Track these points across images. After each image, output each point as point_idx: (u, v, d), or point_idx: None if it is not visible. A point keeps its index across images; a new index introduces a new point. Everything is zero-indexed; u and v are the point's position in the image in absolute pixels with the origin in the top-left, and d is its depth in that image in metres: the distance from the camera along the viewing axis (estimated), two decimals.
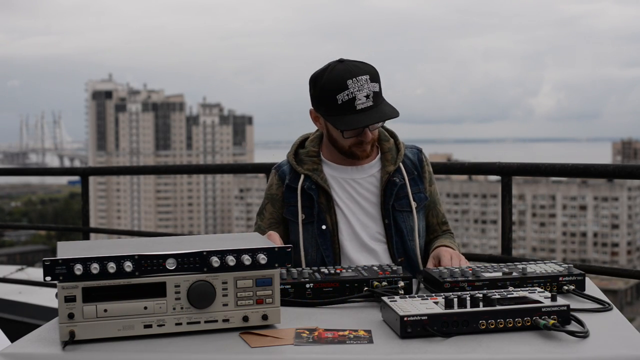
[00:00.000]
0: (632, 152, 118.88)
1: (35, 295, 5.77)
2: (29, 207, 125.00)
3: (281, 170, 2.45)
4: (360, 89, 2.21)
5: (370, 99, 2.22)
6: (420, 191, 2.42)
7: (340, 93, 2.21)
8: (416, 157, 2.47)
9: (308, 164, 2.40)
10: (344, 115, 2.22)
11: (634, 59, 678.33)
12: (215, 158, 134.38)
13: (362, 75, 2.22)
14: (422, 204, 2.41)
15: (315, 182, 2.36)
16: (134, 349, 1.56)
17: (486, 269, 2.00)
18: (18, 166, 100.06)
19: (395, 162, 2.40)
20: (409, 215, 2.37)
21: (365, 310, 1.85)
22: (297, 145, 2.48)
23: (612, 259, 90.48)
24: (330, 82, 2.23)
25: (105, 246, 1.73)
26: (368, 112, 2.22)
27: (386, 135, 2.46)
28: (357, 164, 2.40)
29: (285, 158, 2.48)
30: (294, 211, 2.38)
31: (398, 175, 2.39)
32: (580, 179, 19.23)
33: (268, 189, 2.48)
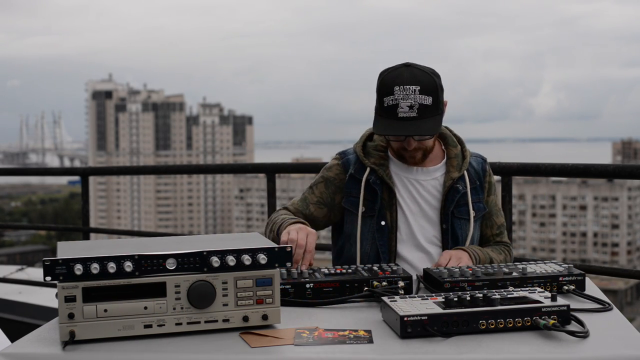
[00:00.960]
0: (632, 152, 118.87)
1: (35, 295, 5.77)
2: (29, 207, 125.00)
3: (346, 159, 2.44)
4: (405, 98, 2.20)
5: (414, 110, 2.20)
6: (479, 201, 2.41)
7: (387, 97, 2.23)
8: (480, 166, 2.46)
9: (375, 158, 2.39)
10: (385, 118, 2.24)
11: (634, 59, 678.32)
12: (215, 158, 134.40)
13: (413, 85, 2.20)
14: (480, 213, 2.40)
15: (380, 177, 2.36)
16: (134, 349, 1.56)
17: (486, 269, 2.00)
18: (18, 166, 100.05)
19: (460, 169, 2.39)
20: (466, 224, 2.36)
21: (365, 310, 1.85)
22: (366, 137, 2.47)
23: (612, 259, 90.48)
24: (382, 84, 2.26)
25: (105, 246, 1.73)
26: (407, 123, 2.20)
27: (454, 141, 2.45)
28: (422, 165, 2.39)
29: (351, 147, 2.47)
30: (354, 202, 2.37)
31: (461, 182, 2.38)
32: (580, 179, 19.24)
33: (327, 170, 2.45)
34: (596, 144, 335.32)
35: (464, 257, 2.24)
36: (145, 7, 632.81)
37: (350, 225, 2.39)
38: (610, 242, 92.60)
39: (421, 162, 2.36)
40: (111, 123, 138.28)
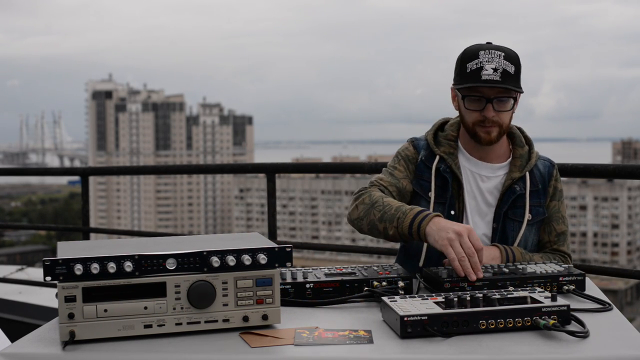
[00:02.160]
0: (632, 152, 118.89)
1: (35, 295, 5.77)
2: (29, 207, 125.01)
3: (417, 143, 2.43)
4: (489, 61, 2.22)
5: (497, 73, 2.20)
6: (540, 205, 2.36)
7: (470, 62, 2.24)
8: (547, 170, 2.41)
9: (445, 147, 2.38)
10: (469, 82, 2.24)
11: (634, 59, 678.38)
12: (215, 158, 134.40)
13: (498, 51, 2.24)
14: (537, 218, 2.35)
15: (449, 166, 2.35)
16: (134, 349, 1.56)
17: (486, 269, 2.00)
18: (18, 166, 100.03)
19: (522, 170, 2.35)
20: (519, 226, 2.33)
21: (365, 310, 1.85)
22: (437, 127, 2.46)
23: (612, 259, 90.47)
24: (466, 52, 2.29)
25: (105, 246, 1.73)
26: (491, 84, 2.21)
27: (522, 141, 2.42)
28: (489, 160, 2.37)
29: (422, 135, 2.46)
30: (424, 186, 2.35)
31: (521, 183, 2.34)
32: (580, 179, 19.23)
33: (403, 151, 2.43)
34: (596, 144, 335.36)
35: (492, 252, 2.21)
36: (146, 7, 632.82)
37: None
38: (610, 242, 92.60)
39: (496, 140, 2.30)
40: (111, 123, 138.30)
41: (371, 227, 2.22)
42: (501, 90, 2.23)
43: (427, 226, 2.05)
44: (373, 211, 2.21)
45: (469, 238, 1.96)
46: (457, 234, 1.96)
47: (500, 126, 2.28)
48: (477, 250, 1.95)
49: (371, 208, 2.22)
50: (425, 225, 2.05)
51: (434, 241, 2.01)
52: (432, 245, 2.03)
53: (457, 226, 1.99)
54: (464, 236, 1.96)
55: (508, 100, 2.25)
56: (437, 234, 2.00)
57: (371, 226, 2.22)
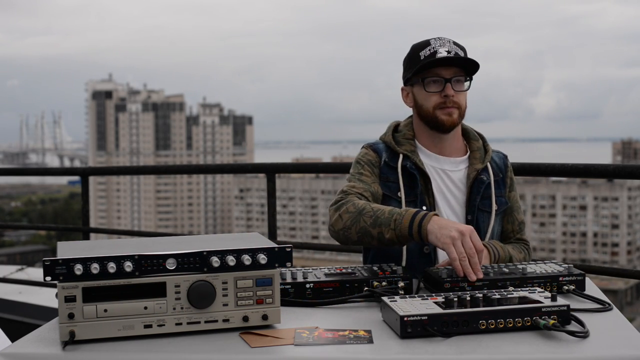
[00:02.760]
0: (632, 152, 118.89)
1: (35, 295, 5.77)
2: (29, 207, 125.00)
3: (375, 147, 2.43)
4: (442, 45, 2.31)
5: (452, 54, 2.29)
6: (502, 195, 2.43)
7: (422, 50, 2.32)
8: (502, 161, 2.49)
9: (406, 146, 2.40)
10: (426, 66, 2.30)
11: (634, 59, 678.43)
12: (215, 158, 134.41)
13: (446, 38, 2.33)
14: (502, 207, 2.41)
15: (414, 162, 2.36)
16: (134, 349, 1.56)
17: (486, 269, 2.00)
18: (18, 166, 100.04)
19: (483, 161, 2.41)
20: (488, 216, 2.37)
21: (365, 310, 1.85)
22: (392, 128, 2.48)
23: (612, 259, 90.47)
24: (415, 45, 2.37)
25: (105, 246, 1.73)
26: (448, 62, 2.29)
27: (475, 135, 2.48)
28: (448, 155, 2.40)
29: (376, 140, 2.47)
30: (392, 187, 2.35)
31: (485, 174, 2.40)
32: (580, 179, 19.26)
33: (363, 157, 2.41)
34: (596, 144, 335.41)
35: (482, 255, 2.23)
36: (145, 7, 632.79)
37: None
38: (610, 242, 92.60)
39: (457, 123, 2.35)
40: (111, 123, 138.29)
41: (362, 234, 2.16)
42: (457, 70, 2.31)
43: (429, 224, 2.03)
44: (362, 218, 2.15)
45: (470, 238, 1.96)
46: (460, 233, 1.96)
47: (459, 108, 2.34)
48: (478, 250, 1.95)
49: (359, 215, 2.16)
50: (427, 224, 2.04)
51: (435, 239, 2.01)
52: (433, 243, 2.02)
53: (460, 225, 1.99)
54: (467, 236, 1.96)
55: (464, 80, 2.34)
56: (439, 232, 2.00)
57: (362, 233, 2.16)
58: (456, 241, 1.95)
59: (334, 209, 2.24)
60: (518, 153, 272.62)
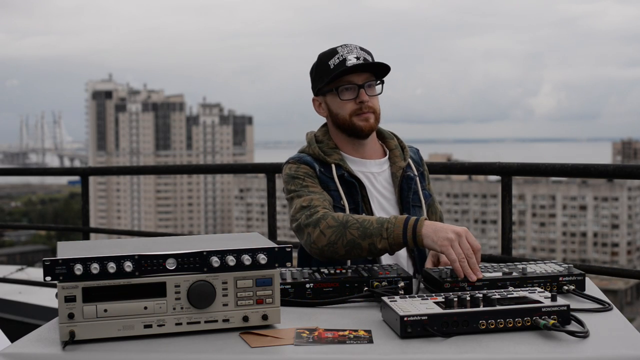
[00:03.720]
0: (632, 152, 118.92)
1: (35, 295, 5.77)
2: (29, 207, 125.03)
3: (304, 160, 2.37)
4: (349, 52, 2.33)
5: (360, 60, 2.31)
6: (424, 188, 2.48)
7: (331, 59, 2.33)
8: (417, 155, 2.55)
9: (333, 155, 2.39)
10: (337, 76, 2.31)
11: (634, 59, 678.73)
12: (215, 158, 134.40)
13: (352, 45, 2.36)
14: (428, 200, 2.47)
15: (348, 171, 2.36)
16: (134, 349, 1.56)
17: (486, 269, 2.00)
18: (18, 166, 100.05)
19: (404, 158, 2.45)
20: (420, 211, 2.40)
21: (365, 310, 1.85)
22: (314, 141, 2.45)
23: (612, 259, 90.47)
24: (322, 55, 2.38)
25: (105, 246, 1.73)
26: (359, 68, 2.31)
27: (390, 134, 2.50)
28: (370, 157, 2.41)
29: (297, 154, 2.42)
30: (335, 196, 2.32)
31: (410, 170, 2.43)
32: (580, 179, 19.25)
33: (297, 171, 2.34)
34: (596, 144, 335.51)
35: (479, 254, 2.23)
36: (145, 7, 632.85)
37: None
38: (610, 242, 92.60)
39: (374, 128, 2.37)
40: (111, 123, 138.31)
41: (350, 247, 2.11)
42: (368, 76, 2.33)
43: (423, 229, 2.04)
44: (348, 231, 2.10)
45: (467, 238, 1.97)
46: (457, 234, 1.97)
47: (375, 112, 2.36)
48: (475, 250, 1.96)
49: (344, 229, 2.11)
50: (421, 229, 2.04)
51: (432, 243, 2.01)
52: (430, 247, 2.03)
53: (455, 227, 2.01)
54: (463, 237, 1.97)
55: (376, 85, 2.37)
56: (435, 236, 2.00)
57: (350, 247, 2.11)
58: (454, 243, 1.95)
59: (312, 226, 2.16)
60: (518, 153, 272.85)
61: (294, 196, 2.29)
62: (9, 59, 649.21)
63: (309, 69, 2.44)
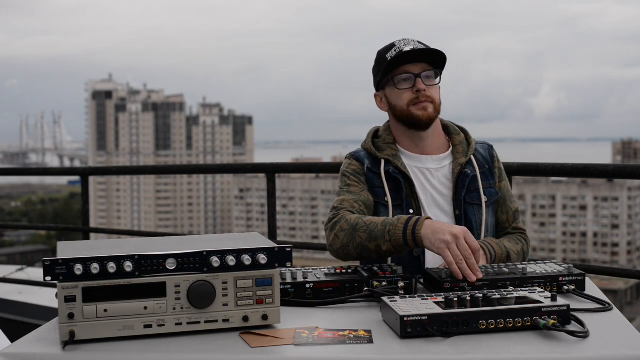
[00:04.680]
0: (632, 152, 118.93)
1: (35, 295, 5.77)
2: (29, 207, 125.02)
3: (357, 156, 2.43)
4: (407, 44, 2.33)
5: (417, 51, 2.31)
6: (490, 186, 2.42)
7: (388, 52, 2.33)
8: (487, 152, 2.48)
9: (387, 151, 2.40)
10: (393, 64, 2.31)
11: (634, 59, 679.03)
12: (215, 158, 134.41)
13: (412, 38, 2.35)
14: (492, 199, 2.40)
15: (396, 167, 2.36)
16: (134, 349, 1.56)
17: (486, 269, 2.00)
18: (18, 166, 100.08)
19: (466, 154, 2.40)
20: (479, 209, 2.36)
21: (365, 310, 1.85)
22: (372, 135, 2.48)
23: (612, 259, 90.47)
24: (381, 50, 2.39)
25: (105, 246, 1.73)
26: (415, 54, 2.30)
27: (456, 129, 2.48)
28: (430, 153, 2.40)
29: (358, 148, 2.47)
30: (379, 193, 2.35)
31: (469, 167, 2.39)
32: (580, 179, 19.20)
33: (347, 167, 2.41)
34: (596, 144, 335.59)
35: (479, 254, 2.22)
36: (145, 7, 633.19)
37: (383, 215, 2.33)
38: (610, 242, 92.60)
39: (434, 118, 2.35)
40: (111, 123, 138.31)
41: (360, 250, 2.17)
42: (425, 65, 2.32)
43: (422, 230, 2.04)
44: (357, 234, 2.16)
45: (465, 239, 1.96)
46: (454, 236, 1.96)
47: (433, 102, 2.34)
48: (474, 251, 1.95)
49: (354, 232, 2.16)
50: (420, 230, 2.04)
51: (430, 244, 2.01)
52: (429, 249, 2.03)
53: (453, 228, 1.99)
54: (461, 238, 1.96)
55: (434, 74, 2.35)
56: (433, 237, 2.00)
57: (360, 249, 2.17)
58: (450, 245, 1.94)
59: (329, 229, 2.24)
60: (518, 153, 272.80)
61: (336, 194, 2.39)
62: (9, 59, 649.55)
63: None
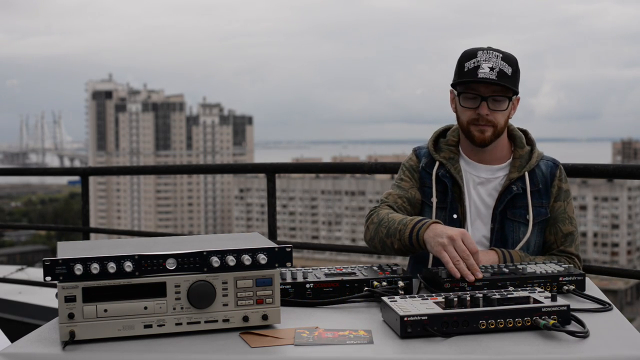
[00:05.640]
0: (632, 152, 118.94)
1: (35, 295, 5.77)
2: (29, 207, 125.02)
3: (419, 152, 2.47)
4: (487, 60, 2.24)
5: (494, 72, 2.22)
6: (542, 205, 2.33)
7: (468, 61, 2.27)
8: (549, 170, 2.38)
9: (445, 152, 2.40)
10: (464, 79, 2.26)
11: (634, 59, 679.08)
12: (215, 158, 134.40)
13: (495, 52, 2.27)
14: (539, 218, 2.32)
15: (448, 170, 2.36)
16: (134, 349, 1.56)
17: (486, 269, 2.00)
18: (18, 166, 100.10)
19: (520, 170, 2.34)
20: (520, 227, 2.31)
21: (365, 310, 1.85)
22: (439, 133, 2.48)
23: (612, 259, 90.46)
24: (465, 53, 2.32)
25: (105, 246, 1.73)
26: (486, 81, 2.22)
27: (522, 142, 2.40)
28: (487, 163, 2.37)
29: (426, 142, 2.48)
30: (427, 192, 2.38)
31: (519, 183, 2.33)
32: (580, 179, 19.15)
33: (407, 162, 2.47)
34: (596, 144, 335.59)
35: (490, 257, 2.20)
36: (146, 7, 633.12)
37: (426, 216, 2.35)
38: (610, 242, 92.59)
39: (490, 141, 2.29)
40: (111, 123, 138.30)
41: (382, 244, 2.25)
42: (496, 89, 2.23)
43: (425, 233, 2.07)
44: (380, 229, 2.24)
45: (462, 241, 1.96)
46: (450, 238, 1.97)
47: (495, 126, 2.28)
48: (472, 253, 1.95)
49: (379, 226, 2.25)
50: (423, 233, 2.08)
51: (430, 247, 2.04)
52: (429, 251, 2.06)
53: (451, 230, 2.00)
54: (458, 240, 1.96)
55: (503, 100, 2.26)
56: (432, 241, 2.02)
57: (382, 244, 2.25)
58: (447, 247, 1.96)
59: (366, 221, 2.34)
60: None
61: (391, 186, 2.44)
62: (9, 59, 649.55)
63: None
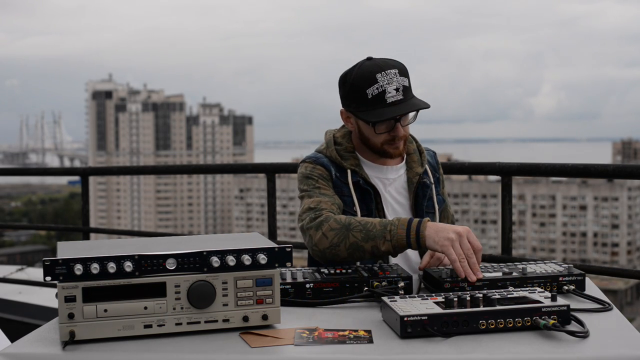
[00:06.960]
0: (632, 152, 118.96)
1: (35, 295, 5.77)
2: (29, 207, 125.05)
3: (321, 162, 2.35)
4: (389, 82, 2.21)
5: (400, 93, 2.21)
6: (439, 193, 2.44)
7: (370, 87, 2.21)
8: (434, 159, 2.49)
9: (350, 160, 2.36)
10: (375, 109, 2.22)
11: (634, 59, 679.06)
12: (215, 158, 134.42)
13: (391, 69, 2.22)
14: (442, 206, 2.43)
15: (363, 178, 2.33)
16: (134, 349, 1.56)
17: (486, 269, 2.00)
18: (18, 166, 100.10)
19: (422, 164, 2.41)
20: (433, 217, 2.37)
21: (365, 310, 1.85)
22: (333, 142, 2.42)
23: (612, 259, 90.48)
24: (359, 77, 2.24)
25: (105, 246, 1.73)
26: (399, 105, 2.21)
27: (410, 138, 2.45)
28: (390, 164, 2.39)
29: (314, 154, 2.41)
30: (347, 201, 2.31)
31: (426, 176, 2.40)
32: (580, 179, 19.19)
33: (312, 172, 2.33)
34: (596, 144, 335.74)
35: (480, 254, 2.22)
36: (145, 7, 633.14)
37: None
38: (610, 242, 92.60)
39: (403, 152, 2.35)
40: (111, 123, 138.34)
41: (353, 249, 2.11)
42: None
43: (426, 230, 2.04)
44: (351, 233, 2.10)
45: (468, 238, 1.97)
46: (458, 234, 1.97)
47: (405, 137, 2.33)
48: (476, 250, 1.96)
49: (347, 231, 2.11)
50: (424, 230, 2.05)
51: (433, 243, 2.01)
52: (431, 248, 2.03)
53: (456, 227, 2.01)
54: (464, 237, 1.97)
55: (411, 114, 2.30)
56: (436, 236, 2.01)
57: (353, 249, 2.11)
58: (454, 243, 1.95)
59: (314, 228, 2.16)
60: (518, 153, 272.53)
61: (305, 196, 2.29)
62: (9, 59, 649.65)
63: (338, 78, 2.33)
